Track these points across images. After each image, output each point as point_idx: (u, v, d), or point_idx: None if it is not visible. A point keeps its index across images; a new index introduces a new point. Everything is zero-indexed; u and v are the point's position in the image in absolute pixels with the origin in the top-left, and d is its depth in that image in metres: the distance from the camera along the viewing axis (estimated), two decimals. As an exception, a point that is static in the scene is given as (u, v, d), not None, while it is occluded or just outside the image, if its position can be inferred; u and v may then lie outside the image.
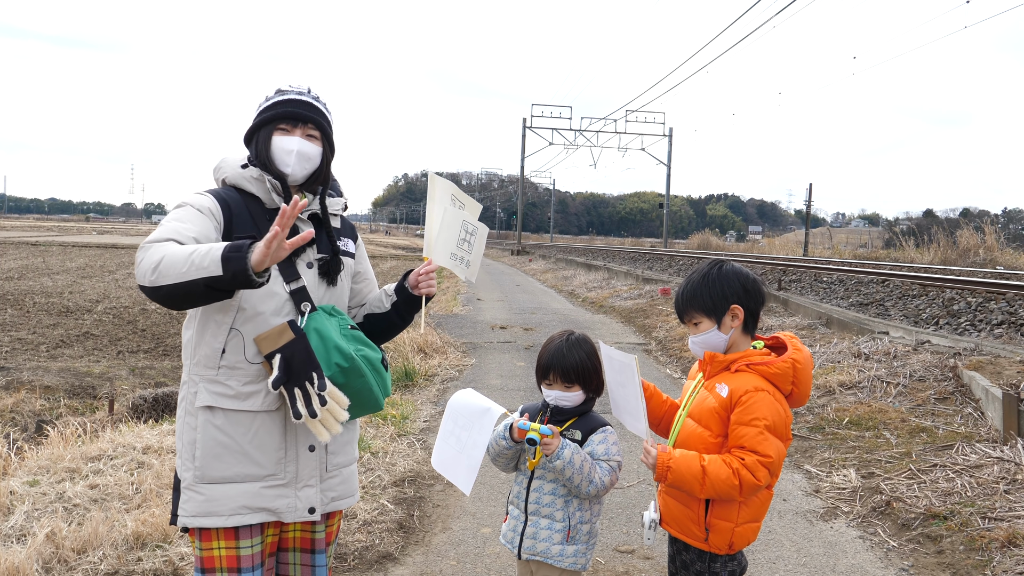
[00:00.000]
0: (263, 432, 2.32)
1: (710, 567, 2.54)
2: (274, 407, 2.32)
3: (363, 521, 4.53)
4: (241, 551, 2.34)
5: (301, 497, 2.37)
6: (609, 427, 2.74)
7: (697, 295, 2.54)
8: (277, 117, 2.42)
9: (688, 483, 2.41)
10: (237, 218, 2.35)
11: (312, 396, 2.22)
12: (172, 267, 2.07)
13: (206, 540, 2.33)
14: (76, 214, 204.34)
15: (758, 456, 2.36)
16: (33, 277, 25.14)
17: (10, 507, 4.38)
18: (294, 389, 2.23)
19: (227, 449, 2.29)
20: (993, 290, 10.74)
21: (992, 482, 4.79)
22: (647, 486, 5.35)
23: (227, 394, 2.30)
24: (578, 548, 2.70)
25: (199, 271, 2.04)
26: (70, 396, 10.26)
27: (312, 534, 2.51)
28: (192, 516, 2.31)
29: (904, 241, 28.77)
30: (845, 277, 15.17)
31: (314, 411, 2.22)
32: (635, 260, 30.88)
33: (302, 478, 2.38)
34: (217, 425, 2.30)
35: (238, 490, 2.30)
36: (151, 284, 2.10)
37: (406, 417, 6.85)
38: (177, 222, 2.26)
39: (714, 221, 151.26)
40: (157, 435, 6.00)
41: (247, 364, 2.30)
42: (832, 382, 7.40)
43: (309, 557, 2.52)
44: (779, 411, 2.42)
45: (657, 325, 13.14)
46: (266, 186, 2.40)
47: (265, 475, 2.33)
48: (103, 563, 3.74)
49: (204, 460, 2.30)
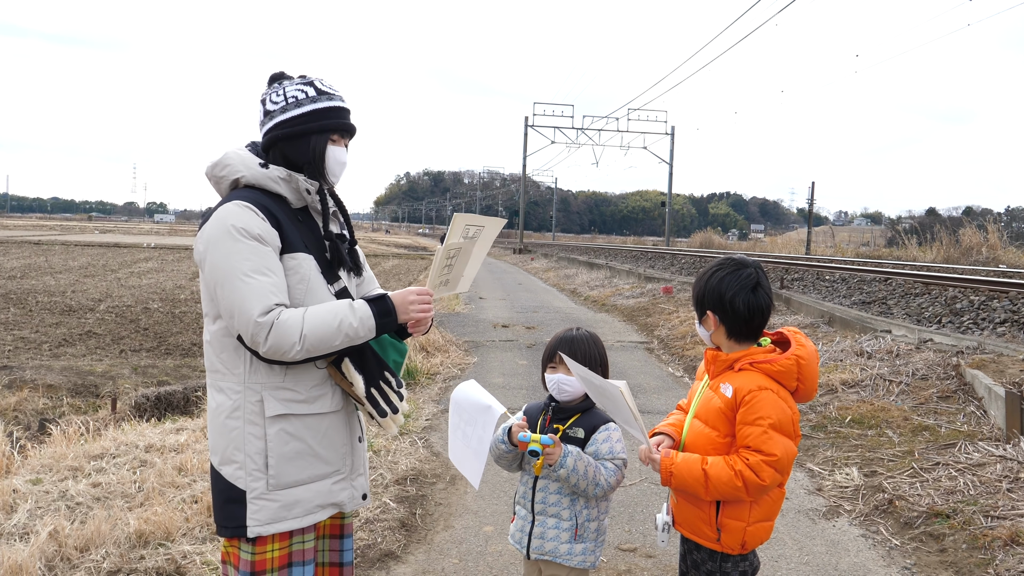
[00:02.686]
0: (332, 431, 2.39)
1: (721, 567, 2.53)
2: (339, 407, 2.40)
3: (365, 519, 4.54)
4: (293, 547, 2.37)
5: (357, 486, 2.49)
6: (612, 423, 2.72)
7: (694, 286, 2.60)
8: (332, 128, 2.37)
9: (692, 487, 2.42)
10: (284, 226, 2.29)
11: (390, 393, 2.36)
12: (323, 342, 2.21)
13: (260, 544, 2.30)
14: (79, 213, 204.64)
15: (763, 456, 2.34)
16: (36, 276, 25.17)
17: (13, 505, 4.39)
18: (371, 389, 2.34)
19: (300, 453, 2.31)
20: (996, 289, 10.72)
21: (995, 481, 4.79)
22: (650, 484, 5.34)
23: (297, 399, 2.30)
24: (586, 546, 2.69)
25: (354, 340, 2.26)
26: (73, 395, 10.27)
27: (342, 519, 2.58)
28: (266, 524, 2.27)
29: (907, 239, 28.75)
30: (847, 275, 15.15)
31: (396, 407, 2.38)
32: (637, 259, 30.87)
33: (357, 468, 2.49)
34: (291, 432, 2.30)
35: (312, 491, 2.35)
36: (297, 359, 2.21)
37: (408, 415, 6.85)
38: (260, 276, 2.18)
39: (716, 220, 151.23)
40: (159, 433, 6.01)
41: (315, 369, 2.33)
42: (835, 380, 7.40)
43: (338, 543, 2.58)
44: (784, 409, 2.40)
45: (659, 323, 13.13)
46: (296, 187, 2.34)
47: (332, 471, 2.40)
48: (106, 561, 3.74)
49: (279, 467, 2.28)
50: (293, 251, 2.29)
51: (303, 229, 2.35)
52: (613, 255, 36.22)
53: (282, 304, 2.20)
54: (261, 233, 2.22)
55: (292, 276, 2.27)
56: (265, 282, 2.18)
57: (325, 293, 2.33)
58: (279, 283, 2.22)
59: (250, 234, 2.20)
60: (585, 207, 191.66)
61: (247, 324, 2.15)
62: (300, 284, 2.28)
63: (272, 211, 2.29)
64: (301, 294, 2.28)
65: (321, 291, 2.32)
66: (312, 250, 2.34)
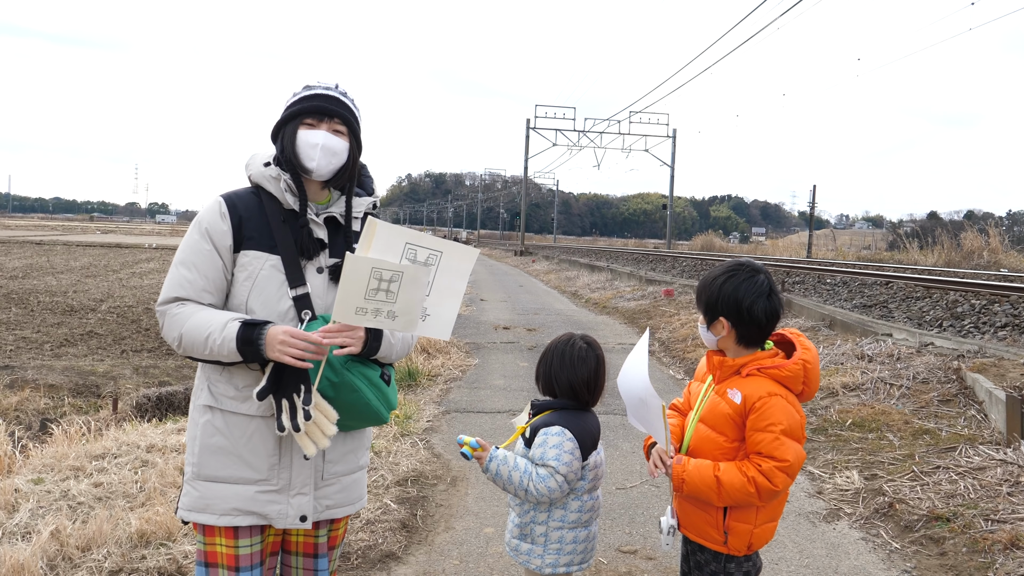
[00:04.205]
0: (257, 436, 2.31)
1: (725, 568, 2.54)
2: (269, 413, 2.29)
3: (366, 520, 4.54)
4: (240, 550, 2.34)
5: (293, 504, 2.34)
6: (555, 429, 2.65)
7: (703, 290, 2.52)
8: (303, 112, 2.37)
9: (704, 493, 2.42)
10: (247, 222, 2.33)
11: (298, 409, 2.20)
12: (193, 348, 2.25)
13: (209, 535, 2.36)
14: (80, 213, 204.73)
15: (775, 462, 2.35)
16: (37, 276, 25.20)
17: (15, 505, 4.40)
18: (282, 400, 2.21)
19: (222, 449, 2.31)
20: (997, 292, 10.72)
21: (995, 484, 4.79)
22: (650, 487, 5.35)
23: (228, 395, 2.31)
24: (532, 548, 2.72)
25: (219, 358, 2.23)
26: (74, 395, 10.29)
27: (315, 539, 2.50)
28: (188, 510, 2.34)
29: (908, 243, 28.77)
30: (848, 279, 15.15)
31: (297, 425, 2.20)
32: (638, 261, 30.87)
33: (295, 485, 2.35)
34: (215, 425, 2.32)
35: (231, 491, 2.31)
36: (182, 354, 2.32)
37: (409, 417, 6.85)
38: (183, 268, 2.31)
39: (717, 222, 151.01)
40: (161, 434, 6.02)
41: (248, 368, 2.30)
42: (835, 384, 7.40)
43: (312, 562, 2.51)
44: (793, 414, 2.42)
45: (660, 326, 13.13)
46: (281, 187, 2.35)
47: (258, 479, 2.32)
48: (107, 561, 3.75)
49: (201, 457, 2.32)
50: (246, 249, 2.32)
51: (284, 230, 2.34)
52: (614, 257, 36.22)
53: (186, 299, 2.28)
54: (209, 228, 2.32)
55: (240, 272, 2.33)
56: (182, 274, 2.30)
57: (274, 294, 2.30)
58: (195, 279, 2.29)
59: (200, 228, 2.33)
60: (586, 209, 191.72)
61: (156, 308, 2.35)
62: (246, 281, 2.31)
63: (247, 208, 2.34)
64: (246, 291, 2.31)
65: (270, 291, 2.30)
66: (282, 251, 2.33)
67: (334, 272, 2.37)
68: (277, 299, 2.31)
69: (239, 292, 2.32)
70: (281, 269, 2.31)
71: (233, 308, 2.32)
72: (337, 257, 2.39)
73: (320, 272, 2.37)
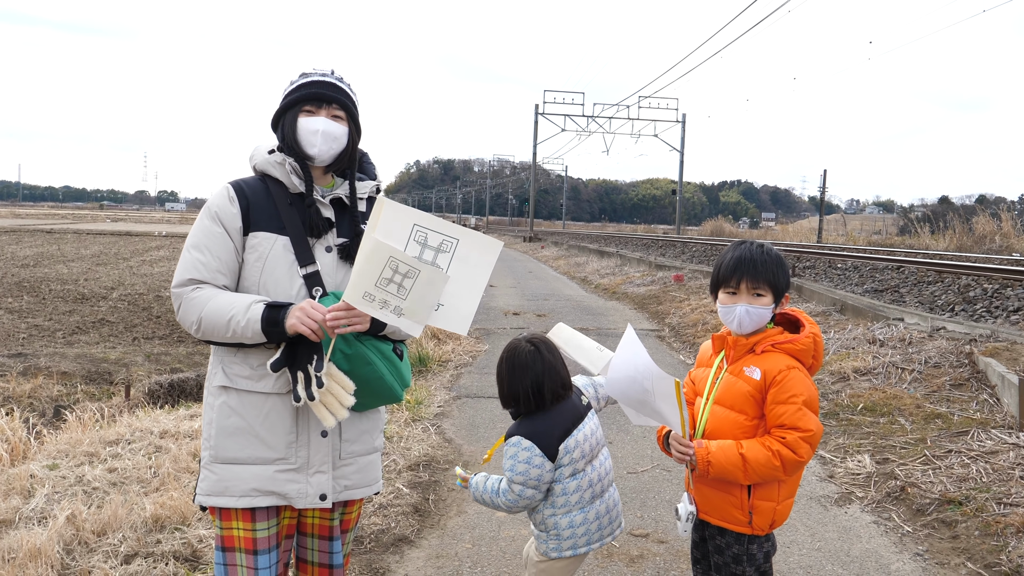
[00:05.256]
0: (274, 414, 2.33)
1: (747, 549, 2.56)
2: (285, 390, 2.32)
3: (379, 504, 4.57)
4: (258, 533, 2.37)
5: (312, 483, 2.36)
6: (512, 440, 2.75)
7: (771, 268, 2.51)
8: (302, 99, 2.42)
9: (731, 473, 2.44)
10: (255, 207, 2.37)
11: (312, 378, 2.23)
12: (214, 331, 2.26)
13: (226, 519, 2.37)
14: (90, 202, 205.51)
15: (799, 432, 2.40)
16: (49, 264, 25.34)
17: (31, 490, 4.44)
18: (297, 372, 2.25)
19: (239, 430, 2.33)
20: (1010, 276, 10.65)
21: (1007, 468, 4.77)
22: (662, 471, 5.36)
23: (243, 375, 2.34)
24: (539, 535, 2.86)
25: (242, 339, 2.25)
26: (87, 382, 10.35)
27: (330, 521, 2.52)
28: (207, 495, 2.35)
29: (919, 228, 28.56)
30: (859, 263, 15.08)
31: (312, 394, 2.22)
32: (648, 247, 30.80)
33: (313, 464, 2.37)
34: (231, 406, 2.33)
35: (250, 472, 2.33)
36: (200, 338, 2.32)
37: (420, 402, 6.88)
38: (196, 252, 2.33)
39: (727, 208, 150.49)
40: (174, 420, 6.06)
41: (263, 348, 2.32)
42: (847, 368, 7.38)
43: (327, 544, 2.53)
44: (811, 386, 2.49)
45: (670, 311, 13.12)
46: (287, 170, 2.40)
47: (276, 458, 2.34)
48: (123, 545, 3.79)
49: (219, 440, 2.34)
50: (256, 231, 2.36)
51: (291, 212, 2.37)
52: (623, 243, 36.15)
53: (202, 282, 2.31)
54: (219, 212, 2.36)
55: (251, 254, 2.36)
56: (195, 256, 2.33)
57: (285, 273, 2.34)
58: (208, 261, 2.32)
59: (210, 212, 2.37)
60: (595, 195, 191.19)
61: (172, 290, 2.36)
62: (257, 262, 2.35)
63: (254, 193, 2.39)
64: (257, 272, 2.35)
65: (280, 271, 2.34)
66: (290, 231, 2.36)
67: (343, 251, 2.41)
68: (288, 278, 2.34)
69: (251, 273, 2.35)
70: (291, 249, 2.35)
71: (245, 290, 2.35)
72: (345, 237, 2.43)
73: (329, 251, 2.41)
